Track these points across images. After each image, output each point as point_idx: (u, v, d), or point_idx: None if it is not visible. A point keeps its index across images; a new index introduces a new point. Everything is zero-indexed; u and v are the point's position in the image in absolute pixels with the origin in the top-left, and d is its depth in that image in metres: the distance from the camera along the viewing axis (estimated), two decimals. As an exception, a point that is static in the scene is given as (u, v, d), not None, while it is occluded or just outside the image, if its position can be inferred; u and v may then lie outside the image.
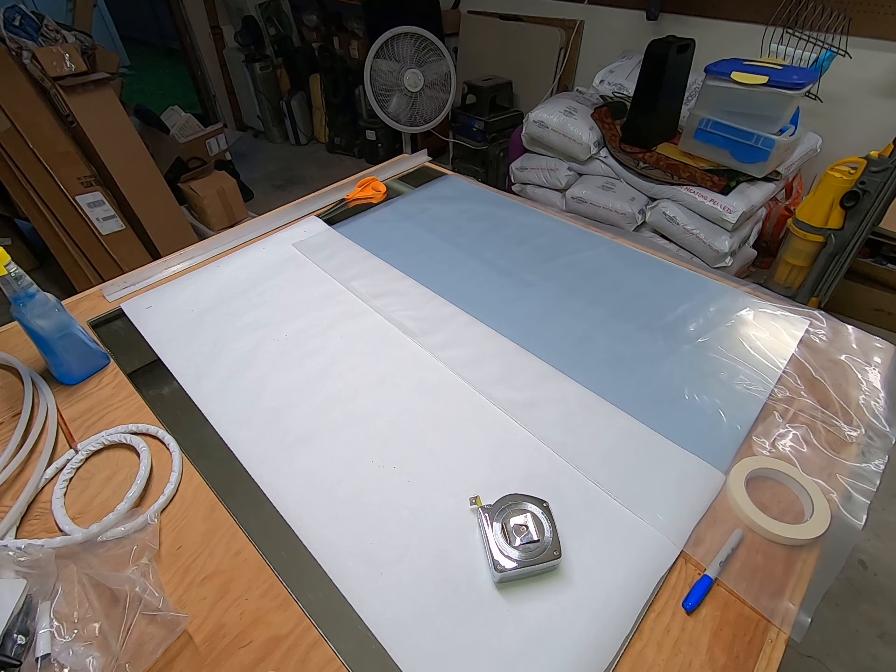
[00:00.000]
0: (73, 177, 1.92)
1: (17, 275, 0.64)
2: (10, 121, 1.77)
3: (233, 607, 0.52)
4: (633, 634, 0.50)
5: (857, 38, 1.78)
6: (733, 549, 0.55)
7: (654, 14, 2.23)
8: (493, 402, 0.72)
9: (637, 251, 1.01)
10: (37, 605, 0.47)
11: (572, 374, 0.75)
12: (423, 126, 2.83)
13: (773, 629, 0.50)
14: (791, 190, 2.15)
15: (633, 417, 0.69)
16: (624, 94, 2.16)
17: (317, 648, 0.49)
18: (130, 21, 5.23)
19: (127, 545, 0.54)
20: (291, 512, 0.60)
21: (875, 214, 1.62)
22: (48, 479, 0.63)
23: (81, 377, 0.76)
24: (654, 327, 0.84)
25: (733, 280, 0.93)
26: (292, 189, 3.19)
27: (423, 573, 0.54)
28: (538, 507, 0.56)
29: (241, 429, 0.69)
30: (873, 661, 1.17)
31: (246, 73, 3.47)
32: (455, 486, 0.61)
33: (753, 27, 1.97)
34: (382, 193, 1.20)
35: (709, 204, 1.75)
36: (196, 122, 2.81)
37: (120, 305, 0.90)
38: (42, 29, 1.91)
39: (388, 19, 2.58)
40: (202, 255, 1.03)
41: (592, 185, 2.02)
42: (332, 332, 0.83)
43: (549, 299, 0.90)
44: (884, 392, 0.73)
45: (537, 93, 2.73)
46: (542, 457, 0.65)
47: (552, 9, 2.61)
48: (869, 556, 1.35)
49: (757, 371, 0.76)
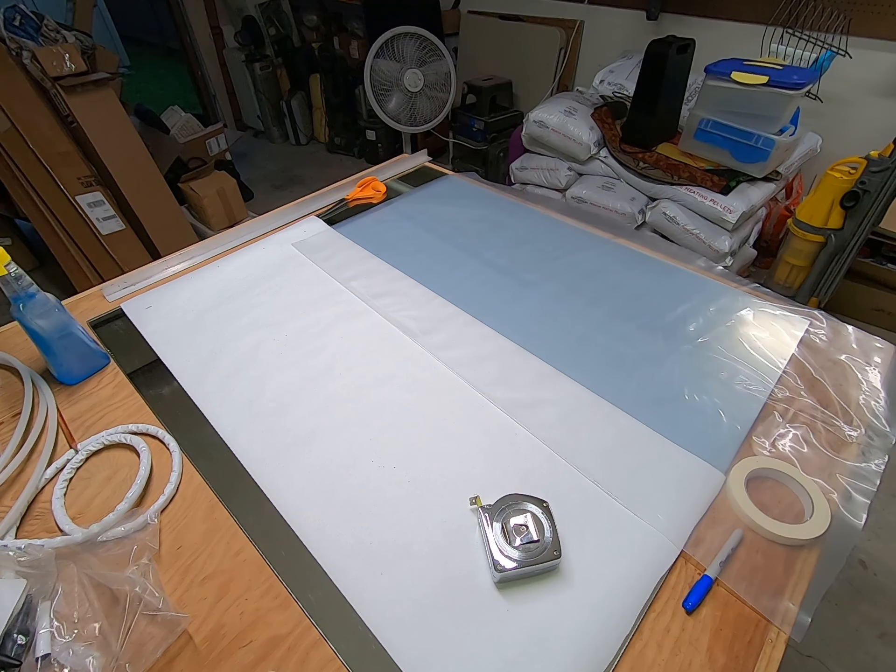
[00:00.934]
0: (73, 177, 1.92)
1: (17, 275, 0.64)
2: (10, 121, 1.77)
3: (233, 607, 0.52)
4: (633, 634, 0.50)
5: (857, 38, 1.78)
6: (733, 549, 0.55)
7: (654, 14, 2.23)
8: (493, 401, 0.72)
9: (637, 251, 1.01)
10: (37, 605, 0.47)
11: (572, 374, 0.75)
12: (423, 126, 2.83)
13: (773, 629, 0.50)
14: (791, 190, 2.15)
15: (633, 417, 0.69)
16: (624, 94, 2.16)
17: (317, 648, 0.49)
18: (130, 21, 5.22)
19: (127, 545, 0.54)
20: (291, 512, 0.60)
21: (875, 214, 1.62)
22: (48, 479, 0.63)
23: (81, 377, 0.76)
24: (654, 327, 0.84)
25: (733, 280, 0.93)
26: (292, 189, 3.19)
27: (423, 573, 0.54)
28: (538, 507, 0.56)
29: (241, 429, 0.69)
30: (873, 661, 1.17)
31: (246, 73, 3.47)
32: (455, 486, 0.61)
33: (753, 27, 1.97)
34: (382, 193, 1.20)
35: (709, 204, 1.75)
36: (196, 122, 2.81)
37: (120, 305, 0.90)
38: (42, 29, 1.91)
39: (388, 19, 2.58)
40: (202, 255, 1.03)
41: (592, 185, 2.02)
42: (332, 332, 0.83)
43: (549, 299, 0.90)
44: (884, 392, 0.73)
45: (537, 93, 2.73)
46: (542, 457, 0.65)
47: (552, 9, 2.61)
48: (869, 556, 1.35)
49: (757, 371, 0.76)
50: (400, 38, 2.56)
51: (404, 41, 2.57)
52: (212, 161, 2.76)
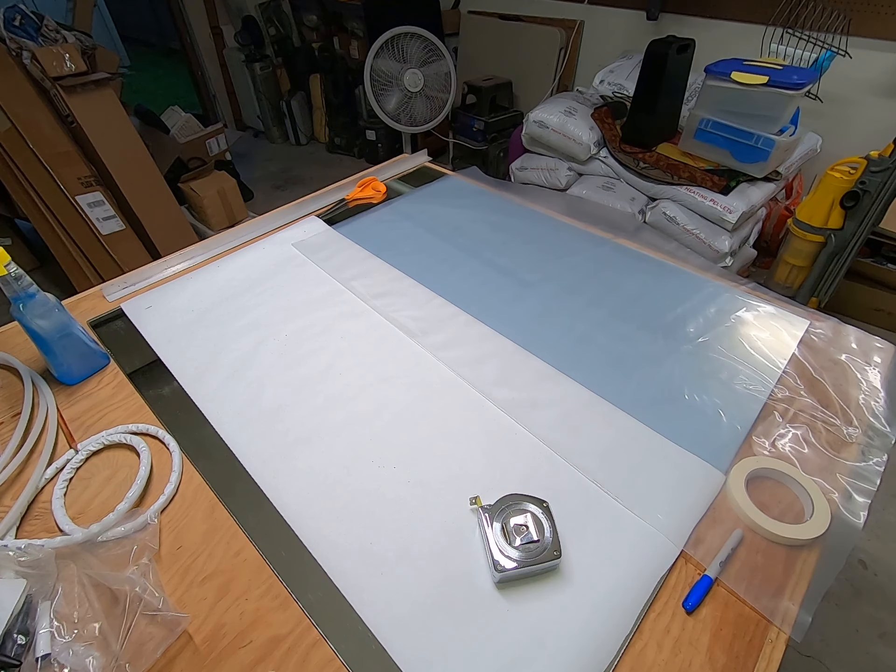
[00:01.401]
0: (73, 177, 1.92)
1: (17, 275, 0.64)
2: (10, 121, 1.77)
3: (233, 607, 0.52)
4: (633, 634, 0.50)
5: (857, 38, 1.78)
6: (733, 549, 0.56)
7: (654, 14, 2.23)
8: (493, 401, 0.72)
9: (637, 251, 1.01)
10: (37, 605, 0.47)
11: (572, 374, 0.75)
12: (423, 126, 2.83)
13: (773, 629, 0.50)
14: (791, 190, 2.14)
15: (632, 417, 0.69)
16: (624, 94, 2.16)
17: (317, 648, 0.49)
18: (130, 21, 5.22)
19: (127, 545, 0.54)
20: (291, 512, 0.60)
21: (875, 214, 1.62)
22: (48, 479, 0.63)
23: (81, 377, 0.76)
24: (653, 327, 0.84)
25: (733, 280, 0.93)
26: (292, 189, 3.19)
27: (423, 573, 0.54)
28: (538, 507, 0.56)
29: (241, 429, 0.69)
30: (873, 661, 1.17)
31: (246, 73, 3.47)
32: (455, 486, 0.61)
33: (753, 27, 1.97)
34: (382, 193, 1.20)
35: (709, 204, 1.75)
36: (196, 122, 2.81)
37: (120, 305, 0.90)
38: (42, 29, 1.91)
39: (388, 19, 2.58)
40: (202, 255, 1.03)
41: (592, 185, 2.02)
42: (332, 332, 0.83)
43: (550, 299, 0.90)
44: (884, 392, 0.73)
45: (537, 93, 2.73)
46: (542, 457, 0.65)
47: (552, 9, 2.61)
48: (869, 556, 1.35)
49: (757, 371, 0.76)
50: (400, 38, 2.56)
51: (404, 41, 2.57)
52: (212, 161, 2.76)
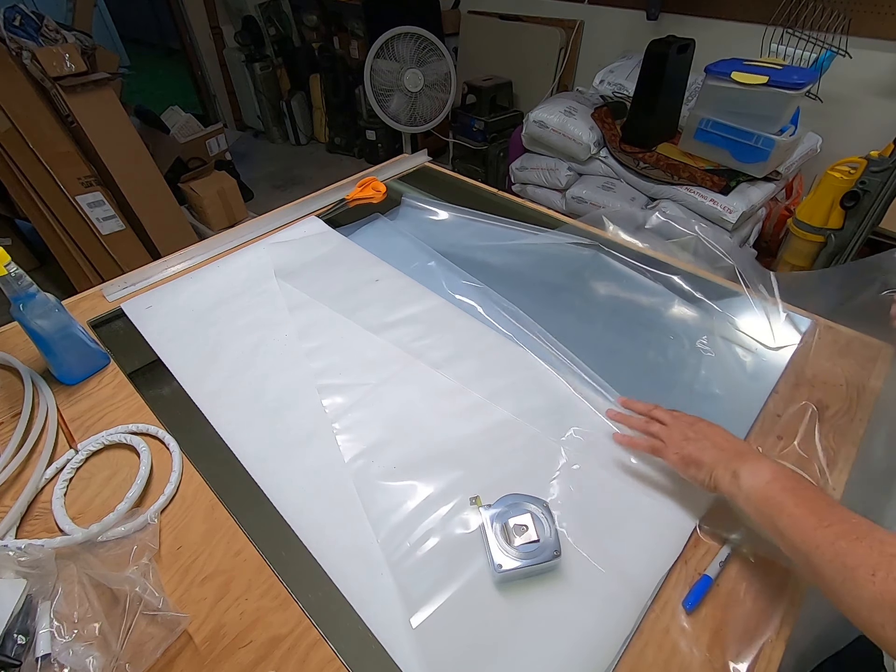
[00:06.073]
0: (73, 177, 1.92)
1: (17, 275, 0.64)
2: (10, 121, 1.77)
3: (233, 607, 0.52)
4: (633, 634, 0.50)
5: (857, 38, 1.78)
6: (733, 548, 0.55)
7: (654, 14, 2.23)
8: (494, 402, 0.72)
9: (636, 251, 1.01)
10: (37, 605, 0.47)
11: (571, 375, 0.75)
12: (423, 126, 2.83)
13: (773, 629, 0.50)
14: (791, 190, 2.14)
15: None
16: (624, 94, 2.16)
17: (317, 648, 0.49)
18: (130, 21, 5.22)
19: (127, 545, 0.54)
20: (291, 512, 0.59)
21: (875, 214, 1.62)
22: (48, 479, 0.63)
23: (81, 377, 0.76)
24: (652, 327, 0.84)
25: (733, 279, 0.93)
26: (292, 189, 3.19)
27: (422, 573, 0.54)
28: (538, 507, 0.56)
29: (241, 429, 0.69)
30: (873, 661, 1.17)
31: (246, 73, 3.47)
32: (455, 486, 0.61)
33: (753, 27, 1.97)
34: (382, 193, 1.19)
35: (709, 204, 1.75)
36: (196, 122, 2.81)
37: (120, 305, 0.90)
38: (42, 29, 1.91)
39: (388, 19, 2.58)
40: (202, 255, 1.03)
41: (592, 185, 2.02)
42: (332, 332, 0.83)
43: (543, 299, 0.90)
44: (883, 392, 0.73)
45: (537, 93, 2.73)
46: (543, 456, 0.65)
47: (552, 9, 2.61)
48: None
49: (756, 371, 0.76)
50: (400, 38, 2.56)
51: (404, 41, 2.57)
52: (212, 161, 2.76)
